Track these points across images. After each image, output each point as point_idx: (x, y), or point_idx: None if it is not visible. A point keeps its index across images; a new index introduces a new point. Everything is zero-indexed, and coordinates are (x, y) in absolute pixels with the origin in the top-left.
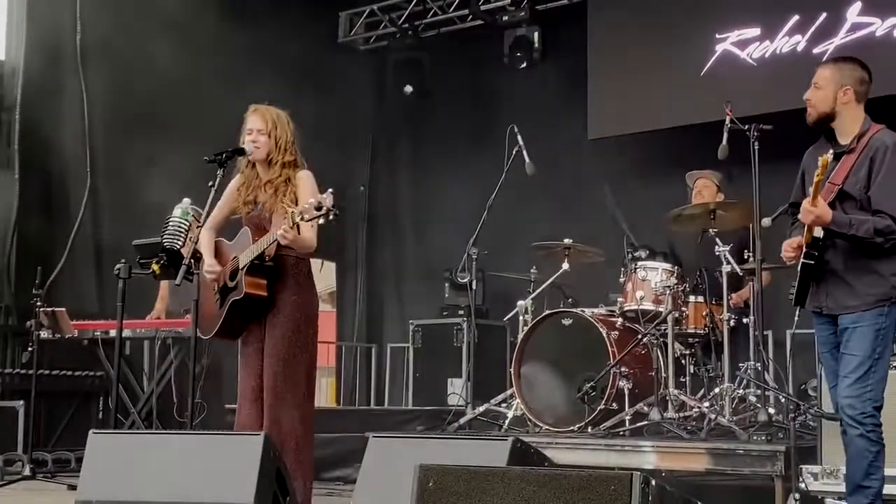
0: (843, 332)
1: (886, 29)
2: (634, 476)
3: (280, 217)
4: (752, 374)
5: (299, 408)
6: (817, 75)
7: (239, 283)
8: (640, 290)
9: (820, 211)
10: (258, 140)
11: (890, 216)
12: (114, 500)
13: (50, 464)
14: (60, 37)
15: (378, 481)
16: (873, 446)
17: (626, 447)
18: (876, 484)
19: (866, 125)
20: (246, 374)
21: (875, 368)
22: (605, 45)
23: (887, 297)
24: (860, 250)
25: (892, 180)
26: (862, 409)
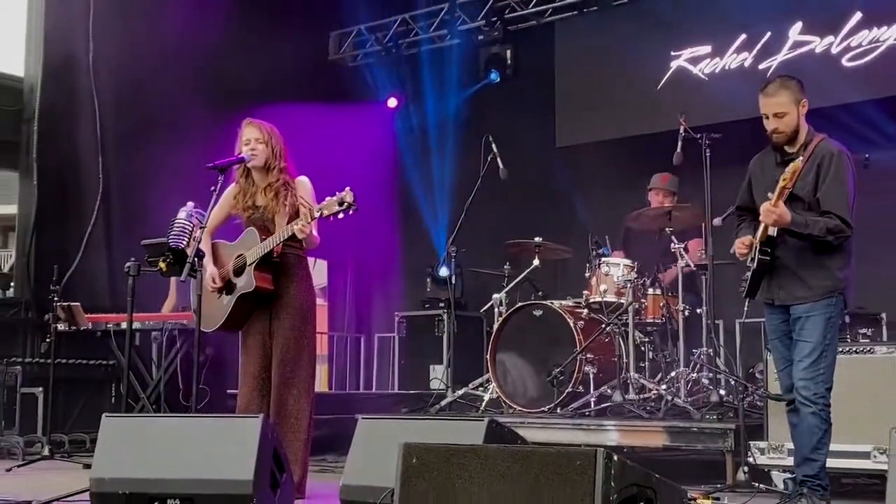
0: (797, 321)
1: (825, 46)
2: (598, 452)
3: (283, 217)
4: (704, 359)
5: (303, 391)
6: (773, 104)
7: (249, 278)
8: (603, 283)
9: (781, 211)
10: (256, 148)
11: (838, 217)
12: (125, 478)
13: (67, 445)
14: (74, 55)
15: (366, 458)
16: (823, 424)
17: (591, 426)
18: (821, 457)
19: (811, 135)
20: (248, 361)
21: (826, 353)
22: (571, 61)
23: (835, 289)
24: (812, 247)
25: (837, 185)
26: (815, 391)
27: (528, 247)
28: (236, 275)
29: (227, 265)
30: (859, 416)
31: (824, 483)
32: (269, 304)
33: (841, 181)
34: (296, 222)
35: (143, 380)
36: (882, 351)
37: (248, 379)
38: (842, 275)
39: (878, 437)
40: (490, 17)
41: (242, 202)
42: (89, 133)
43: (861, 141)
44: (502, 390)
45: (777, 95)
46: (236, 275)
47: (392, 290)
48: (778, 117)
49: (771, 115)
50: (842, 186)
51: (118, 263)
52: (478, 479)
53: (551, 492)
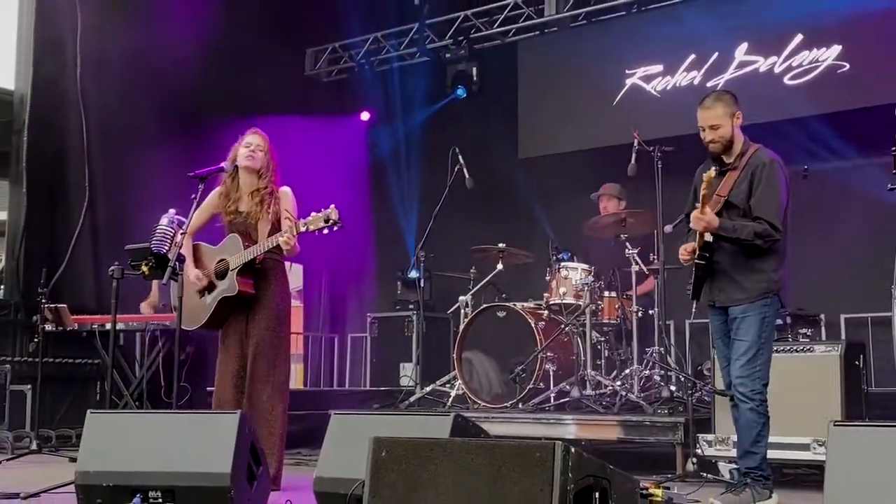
0: (734, 321)
1: (768, 66)
2: (557, 445)
3: (265, 224)
4: (656, 357)
5: (277, 388)
6: (709, 117)
7: (231, 282)
8: (562, 286)
9: (708, 218)
10: (256, 154)
11: (767, 222)
12: (109, 471)
13: (54, 439)
14: (62, 69)
15: (339, 452)
16: (760, 418)
17: (550, 420)
18: (761, 450)
19: (746, 145)
20: (225, 360)
21: (762, 351)
22: (533, 78)
23: (769, 290)
24: (745, 251)
25: (768, 192)
26: (752, 387)
27: (492, 252)
28: (219, 278)
29: (210, 268)
30: (800, 410)
31: (766, 473)
32: (248, 306)
33: (772, 188)
34: (281, 234)
35: (127, 378)
36: (821, 349)
37: (226, 376)
38: (776, 276)
39: (817, 430)
40: (457, 37)
41: (226, 206)
42: (76, 143)
43: (801, 154)
44: (468, 387)
45: (712, 109)
46: (219, 278)
47: (364, 293)
48: (713, 129)
49: (707, 127)
50: (773, 193)
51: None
52: (444, 471)
53: (513, 482)
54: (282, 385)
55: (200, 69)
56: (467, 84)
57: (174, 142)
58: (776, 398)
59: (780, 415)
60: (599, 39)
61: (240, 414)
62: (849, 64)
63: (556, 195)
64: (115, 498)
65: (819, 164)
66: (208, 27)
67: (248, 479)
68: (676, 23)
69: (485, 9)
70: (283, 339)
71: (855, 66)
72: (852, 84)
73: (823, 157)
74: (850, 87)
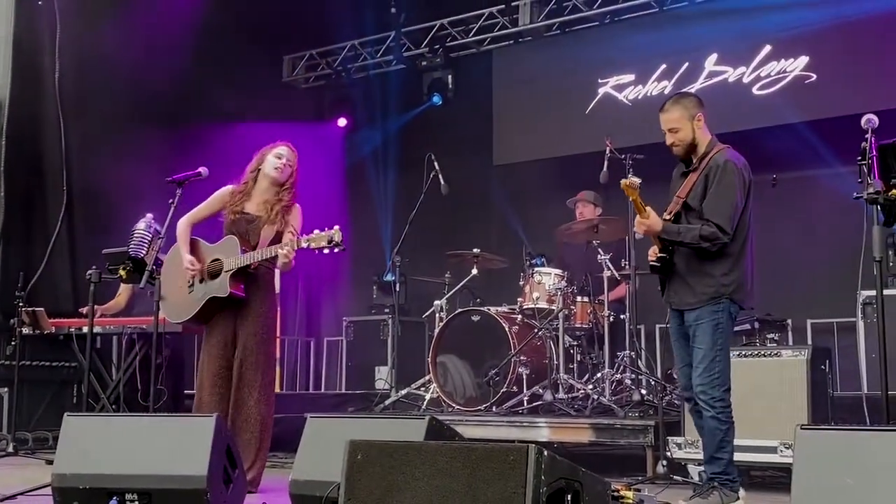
0: (689, 328)
1: (737, 76)
2: (530, 448)
3: (271, 232)
4: (627, 361)
5: (263, 393)
6: (668, 121)
7: (223, 283)
8: (536, 291)
9: (650, 222)
10: (286, 169)
11: (716, 224)
12: (85, 474)
13: (31, 442)
14: (41, 73)
15: (315, 455)
16: (723, 425)
17: (523, 423)
18: (726, 455)
19: (711, 145)
20: (208, 361)
21: (719, 358)
22: (508, 86)
23: (719, 295)
24: (697, 254)
25: (719, 194)
26: (712, 394)
27: (467, 257)
28: (211, 276)
29: (203, 265)
30: (767, 413)
31: (733, 476)
32: (236, 310)
33: (724, 190)
34: (282, 246)
35: (104, 381)
36: (788, 354)
37: (206, 378)
38: (726, 281)
39: (784, 433)
40: (433, 45)
41: (233, 204)
42: (54, 147)
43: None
44: (442, 390)
45: (670, 112)
46: (211, 276)
47: (340, 297)
48: (673, 132)
49: (667, 130)
50: (724, 195)
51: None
52: (419, 474)
53: (487, 485)
54: (267, 390)
55: (178, 75)
56: (443, 92)
57: (152, 147)
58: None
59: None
60: (573, 49)
61: (216, 417)
62: (816, 75)
63: (530, 201)
64: (91, 500)
65: (787, 173)
66: (186, 33)
67: (225, 481)
68: (648, 33)
69: (460, 18)
70: (271, 345)
71: (822, 77)
72: (819, 94)
73: (791, 166)
74: (817, 98)
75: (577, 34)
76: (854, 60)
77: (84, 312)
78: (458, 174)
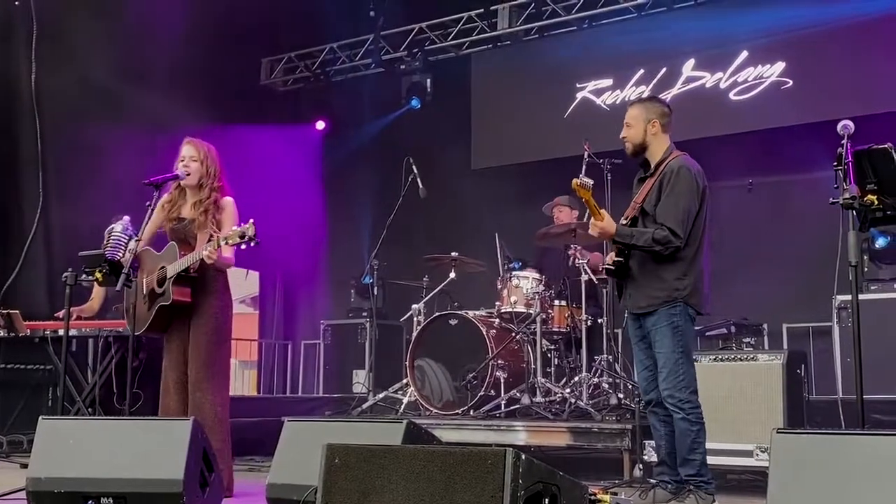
0: (648, 332)
1: (714, 81)
2: (507, 452)
3: (206, 234)
4: (604, 365)
5: (219, 395)
6: (628, 115)
7: (167, 291)
8: (513, 295)
9: (603, 224)
10: (190, 166)
11: (668, 228)
12: (60, 477)
13: (5, 445)
14: (17, 79)
15: (292, 458)
16: (694, 426)
17: (501, 427)
18: (699, 456)
19: (668, 152)
20: (169, 366)
21: (681, 360)
22: (486, 90)
23: (672, 298)
24: (652, 258)
25: (672, 199)
26: (679, 397)
27: (444, 261)
28: (159, 285)
29: (153, 275)
30: (743, 417)
31: (707, 478)
32: (188, 315)
33: (677, 195)
34: (205, 247)
35: (79, 384)
36: (764, 358)
37: (169, 385)
38: (680, 285)
39: (760, 436)
40: (411, 48)
41: (169, 212)
42: (30, 151)
43: (745, 167)
44: (420, 394)
45: (632, 109)
46: (159, 285)
47: (318, 300)
48: (628, 126)
49: (625, 123)
50: (677, 200)
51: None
52: (396, 478)
53: (464, 489)
54: (222, 391)
55: (155, 78)
56: (421, 95)
57: (129, 149)
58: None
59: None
60: (551, 53)
61: (192, 420)
62: (792, 80)
63: (508, 205)
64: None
65: (763, 178)
66: (164, 37)
67: (201, 485)
68: (626, 38)
69: (439, 21)
70: (223, 346)
71: (798, 83)
72: (795, 100)
73: (767, 171)
74: (793, 103)
75: (555, 39)
76: (830, 67)
77: (59, 315)
78: (437, 178)
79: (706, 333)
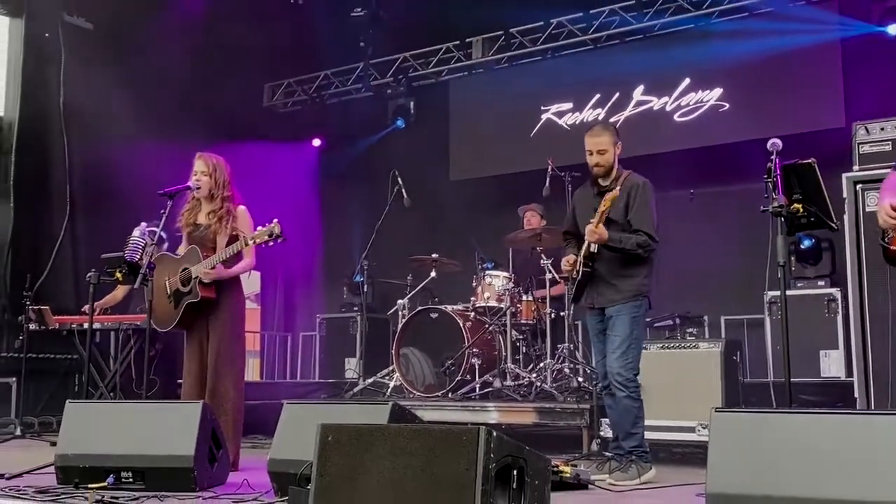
0: (609, 319)
1: (661, 105)
2: (481, 430)
3: (223, 238)
4: (566, 352)
5: (233, 381)
6: (597, 143)
7: (194, 289)
8: (487, 291)
9: (601, 231)
10: (201, 180)
11: (647, 234)
12: (85, 454)
13: (36, 426)
14: (48, 97)
15: (291, 437)
16: (635, 403)
17: (475, 407)
18: (640, 430)
19: (621, 170)
20: (190, 357)
21: (633, 346)
22: (463, 112)
23: (640, 293)
24: (622, 259)
25: (644, 209)
26: (626, 376)
27: (426, 261)
28: (183, 285)
29: (174, 276)
30: (686, 398)
31: (646, 449)
32: (208, 311)
33: (647, 206)
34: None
35: (102, 371)
36: (704, 346)
37: (189, 375)
38: (646, 281)
39: (701, 414)
40: (397, 75)
41: (187, 219)
42: (58, 164)
43: (688, 179)
44: (404, 379)
45: (600, 136)
46: (183, 285)
47: (314, 297)
48: (600, 153)
49: (595, 151)
50: (647, 210)
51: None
52: (383, 453)
53: (443, 462)
54: (237, 379)
55: (171, 101)
56: (405, 116)
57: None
58: (667, 388)
59: (670, 402)
60: (519, 80)
61: (202, 403)
62: (728, 104)
63: (482, 213)
64: (91, 478)
65: (703, 189)
66: (178, 64)
67: (210, 460)
68: (584, 67)
69: (421, 52)
70: (240, 337)
71: (734, 106)
72: (731, 121)
73: (707, 183)
74: (729, 124)
75: (522, 67)
76: (761, 92)
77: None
78: (419, 188)
79: (655, 325)
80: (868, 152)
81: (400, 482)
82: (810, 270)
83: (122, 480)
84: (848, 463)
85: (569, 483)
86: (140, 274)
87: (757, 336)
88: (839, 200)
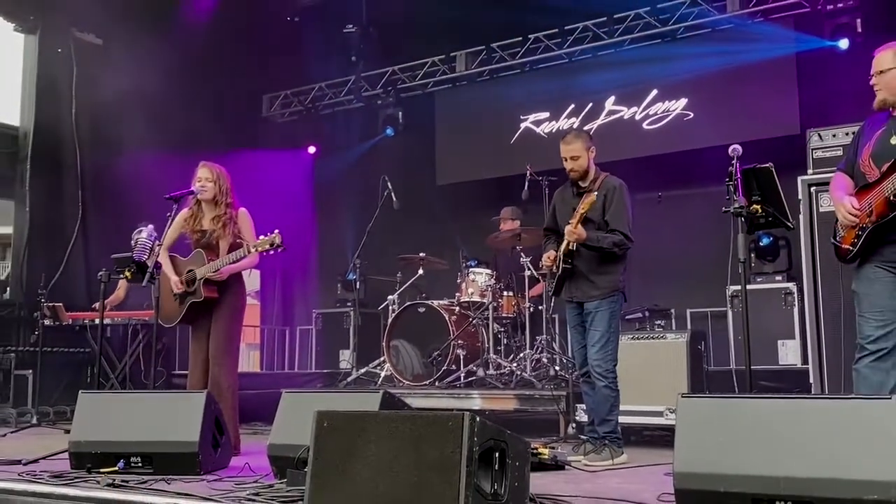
0: (589, 314)
1: (631, 114)
2: (465, 415)
3: (226, 242)
4: (544, 343)
5: (232, 371)
6: (570, 150)
7: (198, 289)
8: (470, 287)
9: (580, 231)
10: (206, 186)
11: (622, 233)
12: (97, 440)
13: (51, 415)
14: (60, 107)
15: (289, 423)
16: (613, 392)
17: (460, 395)
18: (615, 416)
19: (598, 173)
20: (195, 350)
21: (612, 339)
22: (447, 121)
23: (616, 288)
24: (600, 257)
25: (620, 209)
26: (605, 367)
27: (414, 260)
28: (188, 286)
29: (181, 276)
30: (655, 384)
31: (619, 434)
32: (211, 308)
33: (622, 206)
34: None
35: (113, 364)
36: (671, 337)
37: (194, 367)
38: (622, 278)
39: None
40: (386, 87)
41: (191, 225)
42: (71, 170)
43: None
44: (394, 369)
45: (572, 144)
46: (188, 286)
47: (311, 293)
48: (573, 160)
49: (569, 157)
50: (623, 210)
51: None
52: (374, 437)
53: (430, 445)
54: (233, 367)
55: (176, 110)
56: (394, 125)
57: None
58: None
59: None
60: (500, 91)
61: (206, 393)
62: (693, 113)
63: (466, 214)
64: (102, 463)
65: (670, 191)
66: (183, 77)
67: (213, 445)
68: (560, 79)
69: (409, 65)
70: (237, 332)
71: (698, 115)
72: (695, 129)
73: (673, 186)
74: (693, 131)
75: (503, 79)
76: (723, 101)
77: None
78: (407, 192)
79: (626, 317)
80: (821, 157)
81: (390, 464)
82: (769, 266)
83: (132, 465)
84: (804, 443)
85: (547, 464)
86: (147, 273)
87: (720, 327)
88: (795, 201)
